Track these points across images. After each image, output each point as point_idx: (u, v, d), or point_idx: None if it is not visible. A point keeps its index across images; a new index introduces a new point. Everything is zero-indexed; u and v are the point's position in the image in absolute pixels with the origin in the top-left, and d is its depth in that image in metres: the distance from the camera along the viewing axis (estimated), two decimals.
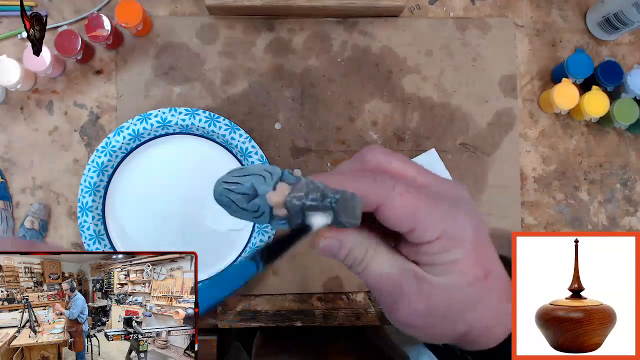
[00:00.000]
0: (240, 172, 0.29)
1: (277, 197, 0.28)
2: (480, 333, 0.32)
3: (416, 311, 0.30)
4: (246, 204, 0.29)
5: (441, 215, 0.29)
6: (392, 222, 0.29)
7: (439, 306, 0.30)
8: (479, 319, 0.31)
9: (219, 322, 0.65)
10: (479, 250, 0.30)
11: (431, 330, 0.31)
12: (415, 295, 0.30)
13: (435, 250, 0.29)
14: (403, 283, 0.30)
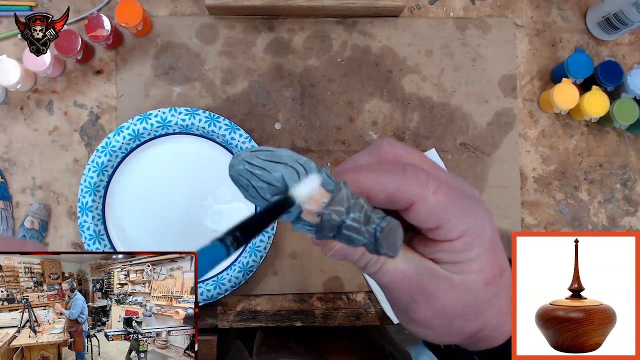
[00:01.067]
0: (269, 156, 0.25)
1: (313, 205, 0.25)
2: (491, 332, 0.31)
3: (435, 310, 0.29)
4: (269, 196, 0.25)
5: (468, 211, 0.28)
6: (423, 219, 0.28)
7: (457, 305, 0.29)
8: (492, 317, 0.31)
9: (219, 322, 0.65)
10: (495, 248, 0.30)
11: (447, 330, 0.31)
12: (435, 294, 0.29)
13: (457, 248, 0.28)
14: (421, 281, 0.29)
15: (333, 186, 0.25)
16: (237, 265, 0.63)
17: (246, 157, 0.25)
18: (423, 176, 0.27)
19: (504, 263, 0.31)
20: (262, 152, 0.25)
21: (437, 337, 0.32)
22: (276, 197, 0.25)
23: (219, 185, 0.65)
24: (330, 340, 0.76)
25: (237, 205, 0.65)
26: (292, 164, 0.25)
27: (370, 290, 0.66)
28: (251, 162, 0.25)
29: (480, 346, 0.32)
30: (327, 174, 0.25)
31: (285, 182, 0.25)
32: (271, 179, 0.25)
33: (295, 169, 0.25)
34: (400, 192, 0.27)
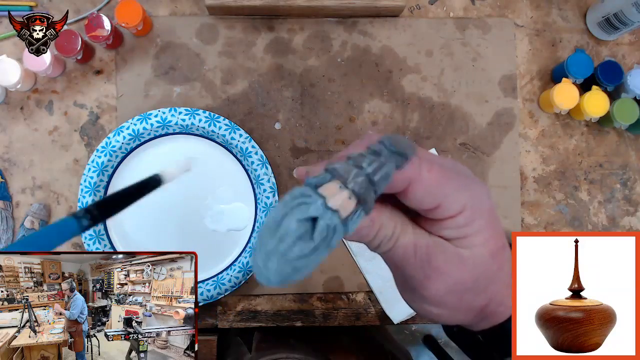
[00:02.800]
0: (270, 229, 0.23)
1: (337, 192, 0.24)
2: (496, 307, 0.32)
3: (447, 285, 0.29)
4: (313, 242, 0.23)
5: (464, 187, 0.29)
6: (421, 199, 0.28)
7: (467, 279, 0.30)
8: (497, 290, 0.31)
9: (219, 322, 0.65)
10: (495, 222, 0.30)
11: (457, 306, 0.31)
12: (446, 269, 0.29)
13: (460, 223, 0.29)
14: (432, 255, 0.29)
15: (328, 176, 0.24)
16: (237, 265, 0.63)
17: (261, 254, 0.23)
18: (415, 158, 0.27)
19: (504, 236, 0.31)
20: (263, 233, 0.23)
21: (448, 315, 0.32)
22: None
23: (219, 185, 0.65)
24: (331, 339, 0.76)
25: (237, 205, 0.65)
26: (292, 206, 0.23)
27: (370, 290, 0.66)
28: (267, 250, 0.23)
29: (484, 324, 0.33)
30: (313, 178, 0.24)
31: (305, 218, 0.23)
32: (295, 233, 0.23)
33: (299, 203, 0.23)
34: (396, 175, 0.27)
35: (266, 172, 0.63)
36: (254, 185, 0.64)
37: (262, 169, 0.63)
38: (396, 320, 0.65)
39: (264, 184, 0.63)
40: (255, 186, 0.64)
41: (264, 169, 0.63)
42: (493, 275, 0.30)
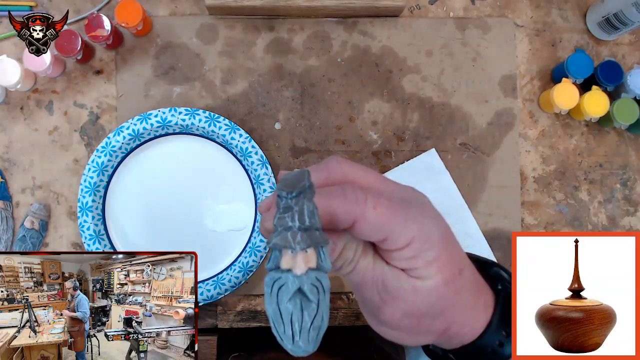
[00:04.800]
0: (277, 322, 0.26)
1: (298, 262, 0.26)
2: (460, 328, 0.33)
3: (402, 311, 0.31)
4: (310, 302, 0.26)
5: (412, 219, 0.29)
6: (367, 234, 0.29)
7: (421, 306, 0.31)
8: (457, 314, 0.32)
9: (219, 322, 0.65)
10: (449, 248, 0.31)
11: (415, 330, 0.32)
12: (400, 296, 0.30)
13: (409, 254, 0.30)
14: (387, 282, 0.31)
15: (277, 251, 0.26)
16: (237, 265, 0.63)
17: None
18: (361, 195, 0.29)
19: (462, 261, 0.32)
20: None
21: (407, 338, 0.33)
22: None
23: (219, 185, 0.65)
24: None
25: (237, 205, 0.65)
26: (275, 296, 0.26)
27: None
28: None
29: (454, 343, 0.34)
30: (273, 264, 0.26)
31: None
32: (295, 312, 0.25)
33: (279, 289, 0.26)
34: (341, 213, 0.28)
35: (266, 172, 0.63)
36: (254, 185, 0.64)
37: (262, 169, 0.63)
38: None
39: (264, 184, 0.63)
40: (255, 186, 0.64)
41: (264, 169, 0.63)
42: (448, 300, 0.31)
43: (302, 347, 0.25)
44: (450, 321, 0.32)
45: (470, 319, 0.33)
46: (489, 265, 0.36)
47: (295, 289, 0.25)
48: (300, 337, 0.25)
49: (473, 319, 0.33)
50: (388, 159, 0.67)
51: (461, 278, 0.31)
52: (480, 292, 0.33)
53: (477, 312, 0.33)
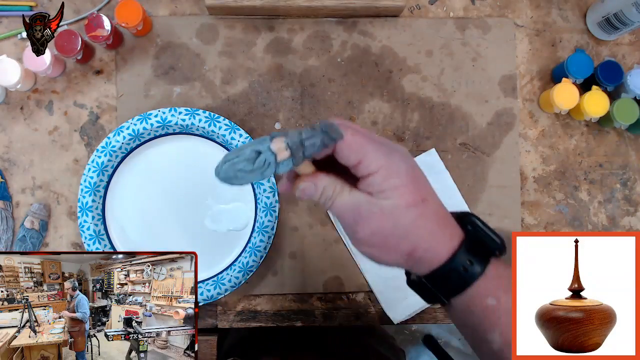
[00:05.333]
0: (236, 150, 0.36)
1: (279, 143, 0.35)
2: (424, 253, 0.38)
3: (371, 229, 0.38)
4: (252, 166, 0.35)
5: (382, 153, 0.37)
6: (347, 155, 0.37)
7: (387, 225, 0.37)
8: (421, 238, 0.38)
9: (219, 322, 0.65)
10: (415, 182, 0.38)
11: (385, 248, 0.38)
12: (369, 217, 0.38)
13: (378, 179, 0.37)
14: (360, 208, 0.38)
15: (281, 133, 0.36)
16: (237, 265, 0.63)
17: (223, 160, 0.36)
18: (344, 125, 0.37)
19: (426, 193, 0.39)
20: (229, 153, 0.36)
21: (379, 254, 0.39)
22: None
23: (219, 185, 0.65)
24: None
25: (237, 205, 0.65)
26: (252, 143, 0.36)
27: (370, 290, 0.66)
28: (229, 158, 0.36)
29: (421, 269, 0.39)
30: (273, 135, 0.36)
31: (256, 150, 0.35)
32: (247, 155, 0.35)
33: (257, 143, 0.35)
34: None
35: None
36: (254, 185, 0.64)
37: None
38: (396, 320, 0.65)
39: (264, 184, 0.63)
40: (255, 186, 0.64)
41: None
42: (411, 223, 0.38)
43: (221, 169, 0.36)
44: (415, 244, 0.38)
45: (435, 246, 0.38)
46: (465, 215, 0.41)
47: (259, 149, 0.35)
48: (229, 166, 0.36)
49: (437, 246, 0.38)
50: None
51: (424, 206, 0.38)
52: (446, 224, 0.39)
53: (442, 241, 0.38)
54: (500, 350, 0.38)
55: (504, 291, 0.39)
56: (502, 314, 0.38)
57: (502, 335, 0.38)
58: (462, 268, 0.38)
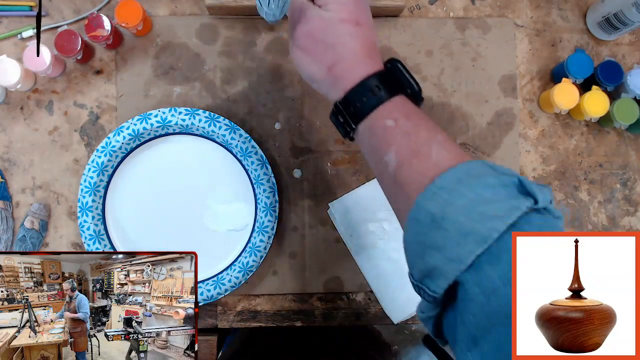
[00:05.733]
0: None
1: None
2: (342, 71, 0.43)
3: (307, 29, 0.44)
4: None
5: None
6: None
7: (319, 30, 0.43)
8: (343, 54, 0.43)
9: (219, 322, 0.65)
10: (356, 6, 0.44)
11: (312, 55, 0.44)
12: (309, 20, 0.44)
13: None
14: (306, 11, 0.44)
15: None
16: (237, 265, 0.63)
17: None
18: None
19: (363, 19, 0.44)
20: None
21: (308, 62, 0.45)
22: None
23: (219, 185, 0.65)
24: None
25: (237, 205, 0.65)
26: None
27: (370, 290, 0.66)
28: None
29: (337, 91, 0.43)
30: None
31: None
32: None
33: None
34: None
35: (266, 172, 0.63)
36: (254, 185, 0.64)
37: (262, 169, 0.63)
38: (396, 320, 0.65)
39: (264, 184, 0.63)
40: (255, 186, 0.64)
41: (264, 169, 0.63)
42: (340, 36, 0.43)
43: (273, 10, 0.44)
44: (337, 58, 0.43)
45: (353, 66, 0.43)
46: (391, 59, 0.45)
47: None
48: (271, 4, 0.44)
49: (355, 67, 0.43)
50: None
51: (356, 28, 0.43)
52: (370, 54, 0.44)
53: (361, 65, 0.43)
54: (395, 170, 0.40)
55: (403, 115, 0.41)
56: (398, 135, 0.40)
57: (396, 155, 0.40)
58: (369, 92, 0.42)
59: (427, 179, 0.37)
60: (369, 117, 0.42)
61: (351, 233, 0.66)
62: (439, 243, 0.35)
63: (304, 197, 0.67)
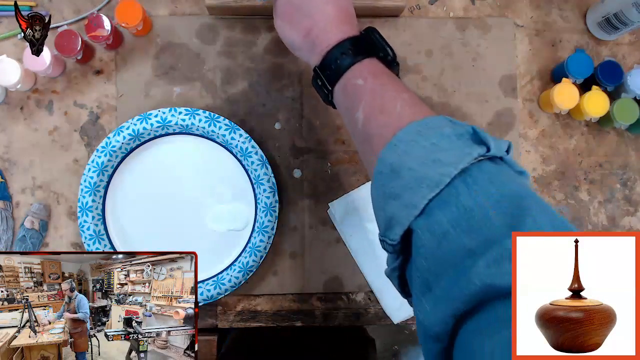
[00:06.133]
0: None
1: None
2: (319, 33, 0.45)
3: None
4: None
5: None
6: None
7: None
8: (319, 18, 0.45)
9: (219, 322, 0.65)
10: None
11: (291, 22, 0.46)
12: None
13: None
14: None
15: None
16: (237, 265, 0.63)
17: None
18: None
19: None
20: None
21: (287, 29, 0.47)
22: None
23: (219, 185, 0.65)
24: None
25: (237, 205, 0.65)
26: None
27: (371, 290, 0.66)
28: None
29: (316, 50, 0.45)
30: None
31: None
32: None
33: None
34: None
35: (266, 172, 0.63)
36: (254, 185, 0.64)
37: (262, 169, 0.63)
38: (396, 320, 0.65)
39: (264, 184, 0.63)
40: (255, 186, 0.64)
41: (264, 169, 0.63)
42: (316, 2, 0.45)
43: None
44: (313, 22, 0.45)
45: (329, 29, 0.45)
46: (368, 27, 0.47)
47: None
48: None
49: (331, 31, 0.45)
50: None
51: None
52: (346, 20, 0.46)
53: (337, 29, 0.45)
54: (362, 127, 0.42)
55: (372, 75, 0.43)
56: (366, 92, 0.42)
57: (363, 111, 0.42)
58: (343, 54, 0.44)
59: (390, 134, 0.39)
60: (343, 77, 0.44)
61: (351, 233, 0.66)
62: (397, 191, 0.36)
63: (303, 197, 0.67)
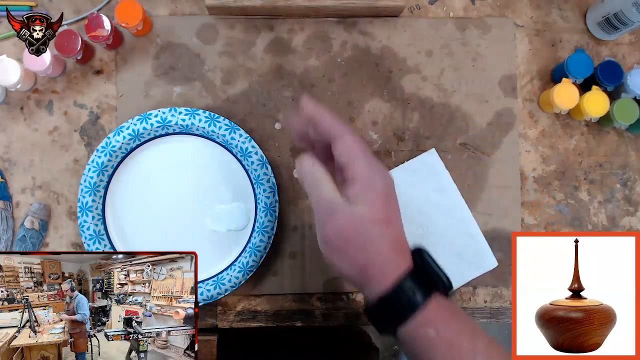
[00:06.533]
0: None
1: None
2: (375, 271, 0.41)
3: (338, 227, 0.41)
4: None
5: (368, 165, 0.42)
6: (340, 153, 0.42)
7: (351, 229, 0.41)
8: (376, 255, 0.41)
9: (219, 322, 0.65)
10: (387, 202, 0.42)
11: (343, 255, 0.42)
12: (340, 216, 0.41)
13: (357, 187, 0.41)
14: (336, 206, 0.42)
15: None
16: (237, 265, 0.63)
17: None
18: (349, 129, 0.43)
19: (393, 215, 0.43)
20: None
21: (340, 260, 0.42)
22: None
23: (219, 185, 0.65)
24: None
25: (237, 205, 0.65)
26: None
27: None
28: None
29: (370, 291, 0.42)
30: None
31: None
32: None
33: None
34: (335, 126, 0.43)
35: (266, 172, 0.63)
36: (254, 185, 0.64)
37: (262, 169, 0.63)
38: None
39: (264, 184, 0.63)
40: (255, 186, 0.64)
41: (264, 169, 0.63)
42: (371, 237, 0.41)
43: None
44: (369, 259, 0.41)
45: (385, 267, 0.41)
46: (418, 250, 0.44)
47: None
48: None
49: (388, 268, 0.41)
50: (388, 159, 0.67)
51: (387, 227, 0.42)
52: (401, 251, 0.42)
53: (393, 265, 0.41)
54: None
55: (443, 322, 0.40)
56: (441, 346, 0.40)
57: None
58: (405, 296, 0.40)
59: None
60: (408, 323, 0.41)
61: None
62: None
63: (304, 197, 0.67)
